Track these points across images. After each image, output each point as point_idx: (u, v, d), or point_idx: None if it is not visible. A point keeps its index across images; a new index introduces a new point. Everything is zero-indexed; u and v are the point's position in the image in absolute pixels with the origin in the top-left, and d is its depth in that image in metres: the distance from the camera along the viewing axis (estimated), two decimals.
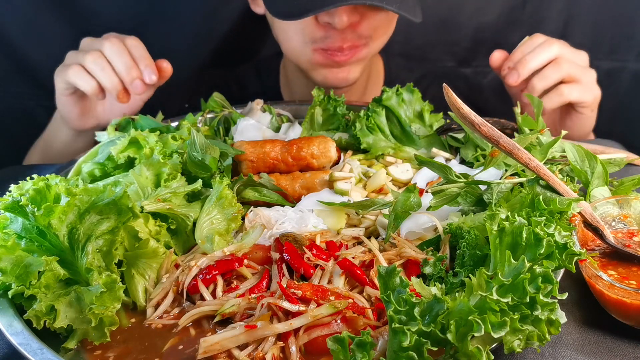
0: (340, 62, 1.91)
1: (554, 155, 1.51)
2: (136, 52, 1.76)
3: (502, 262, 1.03)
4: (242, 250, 1.33)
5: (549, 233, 1.04)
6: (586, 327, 1.15)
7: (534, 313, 0.92)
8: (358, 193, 1.50)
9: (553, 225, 1.05)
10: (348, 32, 1.84)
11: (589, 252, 1.18)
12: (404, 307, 0.94)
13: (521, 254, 1.01)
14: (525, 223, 1.05)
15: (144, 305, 1.26)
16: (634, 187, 1.41)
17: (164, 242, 1.33)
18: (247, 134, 1.73)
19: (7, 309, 1.16)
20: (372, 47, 1.94)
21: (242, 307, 1.17)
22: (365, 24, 1.85)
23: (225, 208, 1.39)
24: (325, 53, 1.89)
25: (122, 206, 1.22)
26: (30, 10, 2.36)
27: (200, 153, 1.44)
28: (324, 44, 1.87)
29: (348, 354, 0.94)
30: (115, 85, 1.73)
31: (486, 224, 1.08)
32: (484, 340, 0.93)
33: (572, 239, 1.04)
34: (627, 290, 1.08)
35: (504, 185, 1.32)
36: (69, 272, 1.19)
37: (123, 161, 1.52)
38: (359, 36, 1.87)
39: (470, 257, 1.15)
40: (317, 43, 1.88)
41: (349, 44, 1.87)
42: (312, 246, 1.29)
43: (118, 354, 1.15)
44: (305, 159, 1.56)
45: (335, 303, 1.10)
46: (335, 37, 1.84)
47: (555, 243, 1.03)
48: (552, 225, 1.05)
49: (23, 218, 1.19)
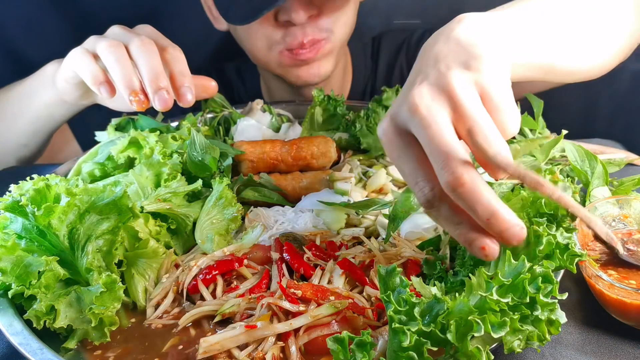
0: (306, 60, 1.91)
1: (554, 155, 1.51)
2: (177, 66, 1.45)
3: (503, 261, 1.03)
4: (242, 250, 1.33)
5: (551, 234, 1.04)
6: (586, 327, 1.15)
7: (534, 313, 0.92)
8: (358, 193, 1.50)
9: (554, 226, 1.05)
10: (307, 27, 1.84)
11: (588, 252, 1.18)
12: (403, 307, 0.94)
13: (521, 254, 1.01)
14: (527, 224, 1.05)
15: (144, 305, 1.26)
16: (634, 187, 1.41)
17: (164, 242, 1.33)
18: (247, 134, 1.73)
19: (7, 309, 1.16)
20: (334, 40, 1.94)
21: (242, 307, 1.17)
22: (323, 16, 1.85)
23: (225, 208, 1.39)
24: (290, 53, 1.90)
25: (122, 206, 1.22)
26: (30, 10, 2.36)
27: (200, 153, 1.44)
28: (285, 44, 1.88)
29: (348, 354, 0.94)
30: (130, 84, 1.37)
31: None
32: (484, 341, 0.93)
33: (573, 240, 1.04)
34: (627, 290, 1.08)
35: (504, 185, 1.32)
36: (69, 272, 1.19)
37: (123, 161, 1.52)
38: (319, 30, 1.87)
39: (470, 257, 1.15)
40: (280, 44, 1.89)
41: (310, 38, 1.86)
42: (312, 246, 1.29)
43: (118, 354, 1.15)
44: (305, 159, 1.56)
45: (335, 303, 1.10)
46: (295, 33, 1.84)
47: (557, 244, 1.03)
48: (554, 226, 1.05)
49: (23, 218, 1.19)
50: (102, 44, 1.39)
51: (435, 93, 0.93)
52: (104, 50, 1.39)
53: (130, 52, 1.40)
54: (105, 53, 1.38)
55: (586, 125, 2.53)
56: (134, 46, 1.39)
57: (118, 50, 1.38)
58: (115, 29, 1.48)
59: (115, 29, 1.48)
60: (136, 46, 1.39)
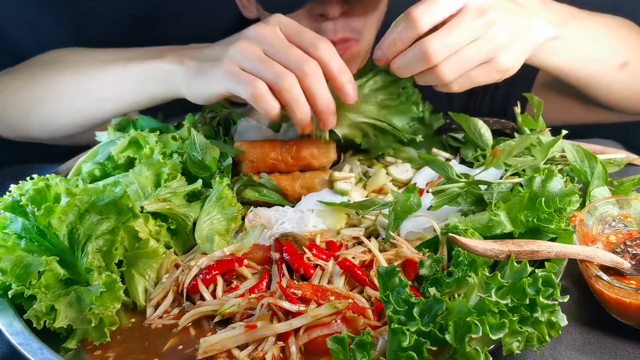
0: None
1: (554, 155, 1.51)
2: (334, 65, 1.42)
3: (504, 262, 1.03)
4: (242, 250, 1.33)
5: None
6: (586, 327, 1.15)
7: (533, 315, 0.92)
8: (358, 193, 1.50)
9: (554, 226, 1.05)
10: (340, 24, 1.83)
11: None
12: (403, 307, 0.94)
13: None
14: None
15: (144, 305, 1.26)
16: (634, 187, 1.41)
17: (164, 242, 1.33)
18: (247, 134, 1.73)
19: (7, 309, 1.16)
20: (362, 44, 1.93)
21: (242, 307, 1.17)
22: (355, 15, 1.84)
23: (225, 208, 1.39)
24: None
25: (122, 206, 1.22)
26: (30, 10, 2.36)
27: (200, 153, 1.44)
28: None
29: (348, 354, 0.94)
30: (306, 119, 1.41)
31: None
32: (483, 342, 0.93)
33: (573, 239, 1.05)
34: (627, 290, 1.08)
35: (504, 185, 1.32)
36: (69, 272, 1.19)
37: (123, 161, 1.52)
38: (351, 29, 1.86)
39: (465, 257, 1.15)
40: None
41: (341, 35, 1.85)
42: (312, 246, 1.29)
43: (118, 354, 1.15)
44: (305, 159, 1.56)
45: (335, 303, 1.10)
46: (327, 28, 1.83)
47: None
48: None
49: (23, 218, 1.20)
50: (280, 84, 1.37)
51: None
52: (282, 87, 1.37)
53: (303, 84, 1.39)
54: (284, 93, 1.38)
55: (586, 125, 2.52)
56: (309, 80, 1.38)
57: (298, 95, 1.38)
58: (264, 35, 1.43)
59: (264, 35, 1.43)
60: (309, 78, 1.38)
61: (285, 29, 1.45)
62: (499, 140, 1.55)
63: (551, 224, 1.17)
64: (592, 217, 1.24)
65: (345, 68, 1.43)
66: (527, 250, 1.06)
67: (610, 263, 1.11)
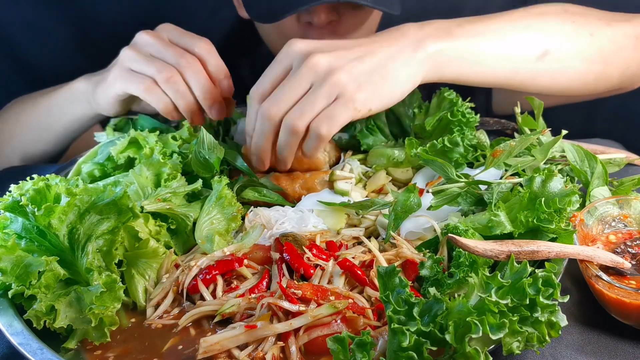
0: None
1: (554, 155, 1.51)
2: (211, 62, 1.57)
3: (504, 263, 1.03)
4: (242, 250, 1.33)
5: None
6: (586, 327, 1.15)
7: (533, 315, 0.92)
8: (358, 193, 1.50)
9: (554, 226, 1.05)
10: (326, 31, 1.84)
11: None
12: (403, 307, 0.94)
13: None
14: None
15: (144, 305, 1.26)
16: (634, 187, 1.41)
17: (164, 242, 1.33)
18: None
19: (7, 309, 1.16)
20: None
21: (242, 307, 1.17)
22: (343, 23, 1.85)
23: (225, 208, 1.39)
24: None
25: (122, 206, 1.22)
26: (30, 10, 2.36)
27: (208, 152, 1.45)
28: None
29: (348, 354, 0.94)
30: (191, 108, 1.55)
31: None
32: (483, 342, 0.93)
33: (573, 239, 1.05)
34: (627, 290, 1.08)
35: (504, 185, 1.32)
36: (69, 272, 1.19)
37: (123, 161, 1.52)
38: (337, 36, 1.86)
39: (466, 258, 1.15)
40: None
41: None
42: (312, 246, 1.29)
43: (118, 354, 1.15)
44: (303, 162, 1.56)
45: (335, 303, 1.10)
46: (314, 36, 1.84)
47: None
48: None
49: (23, 218, 1.20)
50: (161, 77, 1.52)
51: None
52: (164, 82, 1.52)
53: (183, 76, 1.53)
54: (165, 85, 1.52)
55: (586, 125, 2.53)
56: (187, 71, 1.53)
57: (179, 84, 1.53)
58: (147, 39, 1.58)
59: (147, 39, 1.58)
60: (187, 70, 1.53)
61: (169, 34, 1.61)
62: (499, 140, 1.55)
63: (551, 224, 1.17)
64: (592, 217, 1.25)
65: (223, 65, 1.57)
66: (527, 250, 1.06)
67: (610, 263, 1.11)
